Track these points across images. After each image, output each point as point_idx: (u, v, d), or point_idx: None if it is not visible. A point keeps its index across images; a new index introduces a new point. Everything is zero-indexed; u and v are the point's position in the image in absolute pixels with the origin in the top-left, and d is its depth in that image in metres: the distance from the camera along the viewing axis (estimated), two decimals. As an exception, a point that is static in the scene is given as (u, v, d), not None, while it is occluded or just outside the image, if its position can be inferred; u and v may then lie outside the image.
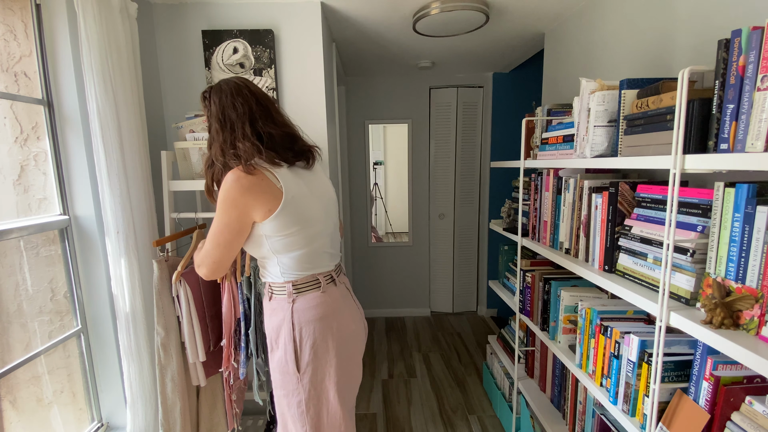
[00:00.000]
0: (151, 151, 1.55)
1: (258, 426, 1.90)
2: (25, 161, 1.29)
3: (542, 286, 1.57)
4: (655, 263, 0.97)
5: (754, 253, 0.75)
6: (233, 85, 1.06)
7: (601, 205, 1.18)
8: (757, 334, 0.74)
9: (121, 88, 1.32)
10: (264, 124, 1.05)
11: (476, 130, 3.27)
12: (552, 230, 1.48)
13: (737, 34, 0.74)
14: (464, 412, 2.18)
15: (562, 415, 1.60)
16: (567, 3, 1.79)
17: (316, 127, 1.81)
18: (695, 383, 0.89)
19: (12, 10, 1.24)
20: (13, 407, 1.24)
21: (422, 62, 2.75)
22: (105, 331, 1.46)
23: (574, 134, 1.31)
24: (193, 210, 1.57)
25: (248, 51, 1.71)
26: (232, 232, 1.03)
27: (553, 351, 1.48)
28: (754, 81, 0.71)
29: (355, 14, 1.88)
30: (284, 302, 1.11)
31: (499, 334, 2.29)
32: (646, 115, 0.99)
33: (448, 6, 1.71)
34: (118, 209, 1.31)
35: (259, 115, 1.05)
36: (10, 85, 1.24)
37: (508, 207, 1.94)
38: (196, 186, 1.51)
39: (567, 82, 1.95)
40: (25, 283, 1.28)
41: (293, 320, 1.10)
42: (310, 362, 1.10)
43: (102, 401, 1.51)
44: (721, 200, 0.81)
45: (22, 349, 1.25)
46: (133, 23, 1.42)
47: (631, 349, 1.06)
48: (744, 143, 0.73)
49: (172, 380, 1.40)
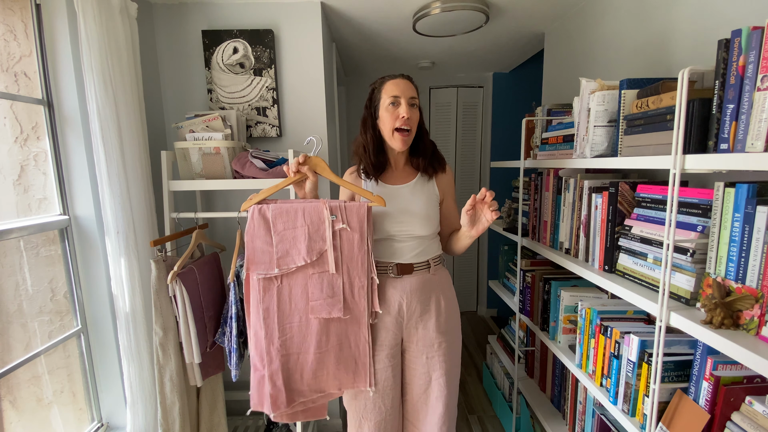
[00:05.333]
0: (151, 151, 1.55)
1: (258, 426, 1.90)
2: (25, 161, 1.29)
3: (542, 286, 1.57)
4: (655, 263, 0.97)
5: (754, 253, 0.75)
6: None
7: (601, 205, 1.18)
8: (757, 334, 0.74)
9: (121, 88, 1.32)
10: None
11: (476, 130, 3.27)
12: (552, 230, 1.48)
13: (737, 34, 0.74)
14: (464, 412, 2.18)
15: (562, 415, 1.60)
16: (567, 3, 1.79)
17: (316, 127, 1.81)
18: (695, 383, 0.89)
19: (12, 10, 1.24)
20: (13, 407, 1.24)
21: (422, 62, 2.75)
22: (105, 331, 1.46)
23: (574, 134, 1.31)
24: (193, 210, 1.57)
25: (248, 51, 1.71)
26: None
27: (553, 351, 1.48)
28: (754, 81, 0.71)
29: (355, 14, 1.88)
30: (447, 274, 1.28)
31: (499, 334, 2.29)
32: (646, 115, 0.99)
33: (448, 6, 1.71)
34: (118, 209, 1.31)
35: None
36: (10, 85, 1.24)
37: (508, 207, 1.94)
38: (196, 186, 1.51)
39: (567, 82, 1.95)
40: (25, 283, 1.28)
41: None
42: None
43: (102, 401, 1.51)
44: (721, 200, 0.81)
45: (22, 349, 1.25)
46: (133, 23, 1.41)
47: (631, 349, 1.06)
48: (744, 143, 0.73)
49: (170, 380, 1.40)
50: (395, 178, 1.24)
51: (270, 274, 1.11)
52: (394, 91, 1.14)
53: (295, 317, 1.13)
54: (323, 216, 1.10)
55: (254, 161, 1.49)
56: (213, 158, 1.49)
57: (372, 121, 1.20)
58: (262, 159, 1.51)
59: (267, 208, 1.11)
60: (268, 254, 1.11)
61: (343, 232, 1.11)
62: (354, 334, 1.15)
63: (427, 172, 1.23)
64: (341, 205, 1.11)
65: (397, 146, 1.17)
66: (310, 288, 1.12)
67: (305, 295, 1.12)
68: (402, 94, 1.14)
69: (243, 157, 1.49)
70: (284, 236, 1.11)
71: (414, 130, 1.18)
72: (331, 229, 1.10)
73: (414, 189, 1.22)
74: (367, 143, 1.20)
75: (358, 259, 1.12)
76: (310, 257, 1.10)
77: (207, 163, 1.50)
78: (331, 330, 1.14)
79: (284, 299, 1.13)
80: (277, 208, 1.11)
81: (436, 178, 1.25)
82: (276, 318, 1.12)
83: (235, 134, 1.58)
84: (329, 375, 1.15)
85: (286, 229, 1.11)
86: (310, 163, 1.17)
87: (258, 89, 1.74)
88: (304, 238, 1.10)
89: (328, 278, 1.12)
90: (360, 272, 1.12)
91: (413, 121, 1.16)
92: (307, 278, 1.12)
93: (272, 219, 1.11)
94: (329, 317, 1.12)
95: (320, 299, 1.12)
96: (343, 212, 1.11)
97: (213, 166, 1.50)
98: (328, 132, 1.89)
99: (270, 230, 1.11)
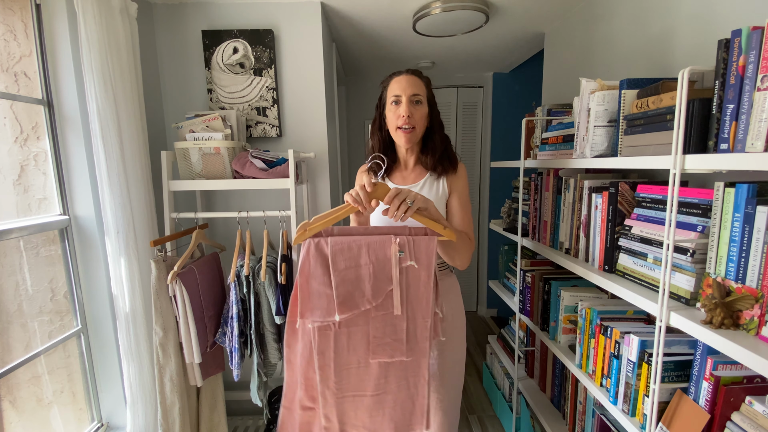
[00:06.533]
0: (151, 151, 1.55)
1: (258, 426, 1.90)
2: (25, 161, 1.29)
3: (542, 286, 1.57)
4: (655, 263, 0.97)
5: (754, 253, 0.75)
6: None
7: (601, 205, 1.18)
8: (757, 334, 0.74)
9: (121, 88, 1.32)
10: None
11: (476, 130, 3.27)
12: (552, 230, 1.48)
13: (737, 34, 0.74)
14: (464, 412, 2.18)
15: (562, 415, 1.59)
16: (567, 3, 1.79)
17: (316, 127, 1.81)
18: (695, 383, 0.89)
19: (12, 10, 1.24)
20: (13, 407, 1.24)
21: (422, 62, 2.75)
22: (105, 331, 1.46)
23: (574, 134, 1.31)
24: (193, 210, 1.57)
25: (248, 51, 1.71)
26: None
27: (553, 351, 1.48)
28: (754, 81, 0.71)
29: (355, 14, 1.88)
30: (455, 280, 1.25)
31: (499, 334, 2.29)
32: (646, 115, 0.99)
33: (448, 6, 1.71)
34: (118, 209, 1.31)
35: None
36: (10, 85, 1.24)
37: (508, 207, 1.94)
38: (196, 186, 1.51)
39: (567, 82, 1.95)
40: (25, 283, 1.28)
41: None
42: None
43: (102, 401, 1.51)
44: (721, 200, 0.81)
45: (22, 349, 1.25)
46: (133, 23, 1.41)
47: (631, 349, 1.06)
48: (744, 143, 0.73)
49: (170, 380, 1.40)
50: (404, 178, 1.21)
51: (327, 321, 0.97)
52: (395, 89, 1.12)
53: (353, 361, 1.02)
54: (390, 253, 0.97)
55: (254, 161, 1.49)
56: (213, 158, 1.49)
57: (380, 121, 1.19)
58: (262, 159, 1.51)
59: (325, 242, 0.95)
60: (326, 298, 0.96)
61: (409, 270, 0.99)
62: (414, 376, 1.04)
63: (436, 170, 1.17)
64: (410, 240, 0.98)
65: (401, 143, 1.16)
66: (372, 331, 1.00)
67: (365, 339, 1.00)
68: (403, 92, 1.11)
69: (243, 157, 1.49)
70: (346, 276, 0.96)
71: (420, 127, 1.14)
72: (398, 267, 0.97)
73: (422, 189, 1.18)
74: (375, 144, 1.20)
75: (423, 297, 1.00)
76: (376, 300, 0.97)
77: (207, 163, 1.50)
78: (390, 372, 1.03)
79: (342, 344, 1.00)
80: (337, 243, 0.95)
81: (446, 177, 1.18)
82: (333, 364, 1.00)
83: (235, 134, 1.58)
84: (384, 416, 1.06)
85: (348, 268, 0.96)
86: (378, 195, 0.97)
87: (258, 89, 1.74)
88: (369, 278, 0.96)
89: (391, 320, 1.00)
90: (425, 311, 1.00)
91: (416, 119, 1.12)
92: (368, 321, 0.99)
93: (332, 256, 0.95)
94: (390, 360, 1.02)
95: (382, 343, 1.00)
96: (411, 247, 0.98)
97: (213, 166, 1.50)
98: (328, 132, 1.89)
99: (329, 269, 0.96)
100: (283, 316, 1.41)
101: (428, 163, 1.18)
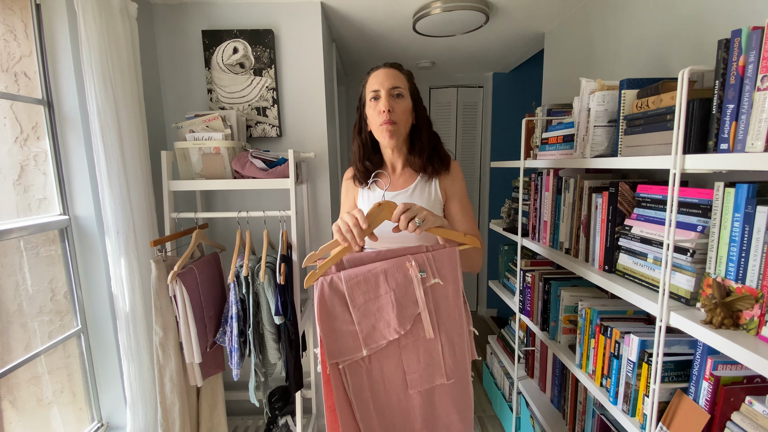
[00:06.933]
0: (151, 151, 1.55)
1: (258, 426, 1.90)
2: (25, 161, 1.29)
3: (542, 286, 1.57)
4: (655, 263, 0.97)
5: (754, 253, 0.75)
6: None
7: (601, 205, 1.18)
8: (757, 334, 0.74)
9: (121, 88, 1.32)
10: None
11: (476, 130, 3.27)
12: (552, 230, 1.48)
13: (737, 34, 0.74)
14: (464, 412, 2.18)
15: (562, 415, 1.59)
16: (567, 3, 1.78)
17: (316, 127, 1.81)
18: (695, 383, 0.89)
19: (12, 10, 1.24)
20: (13, 407, 1.24)
21: (422, 62, 2.75)
22: (105, 331, 1.46)
23: (574, 134, 1.31)
24: (193, 210, 1.57)
25: (248, 51, 1.71)
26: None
27: (553, 351, 1.48)
28: (754, 81, 0.71)
29: (355, 14, 1.88)
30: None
31: (499, 334, 2.29)
32: (646, 115, 0.99)
33: (448, 6, 1.71)
34: (118, 209, 1.31)
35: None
36: (10, 85, 1.24)
37: (508, 207, 1.94)
38: (196, 186, 1.51)
39: (567, 82, 1.95)
40: (25, 283, 1.28)
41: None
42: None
43: (102, 401, 1.51)
44: (721, 200, 0.81)
45: (22, 349, 1.25)
46: (133, 23, 1.41)
47: (631, 349, 1.06)
48: (744, 143, 0.73)
49: (170, 380, 1.40)
50: (392, 185, 1.11)
51: (356, 358, 0.91)
52: (373, 84, 1.02)
53: (393, 397, 0.95)
54: (410, 275, 0.91)
55: (254, 161, 1.49)
56: (213, 158, 1.49)
57: (360, 123, 1.10)
58: (262, 159, 1.51)
59: (338, 278, 0.90)
60: (351, 336, 0.91)
61: (435, 288, 0.92)
62: (461, 399, 0.98)
63: (426, 171, 1.08)
64: (429, 257, 0.92)
65: (384, 142, 1.05)
66: (405, 360, 0.93)
67: (400, 370, 0.94)
68: (381, 85, 1.00)
69: (243, 157, 1.49)
70: (367, 310, 0.90)
71: (403, 123, 1.03)
72: (421, 288, 0.91)
73: (413, 195, 1.08)
74: (356, 149, 1.11)
75: (455, 314, 0.94)
76: (403, 327, 0.90)
77: (207, 163, 1.50)
78: (435, 399, 0.97)
79: (376, 380, 0.94)
80: (350, 276, 0.90)
81: (438, 178, 1.09)
82: (372, 405, 0.94)
83: (235, 134, 1.58)
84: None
85: (367, 300, 0.90)
86: (383, 216, 0.90)
87: (258, 89, 1.74)
88: (392, 306, 0.90)
89: (424, 345, 0.93)
90: (459, 328, 0.95)
91: (398, 113, 1.01)
92: (399, 350, 0.93)
93: (348, 292, 0.90)
94: (431, 386, 0.96)
95: (418, 371, 0.94)
96: (432, 264, 0.92)
97: (213, 166, 1.50)
98: (328, 132, 1.89)
99: (347, 305, 0.90)
100: (282, 316, 1.41)
101: (417, 164, 1.08)
